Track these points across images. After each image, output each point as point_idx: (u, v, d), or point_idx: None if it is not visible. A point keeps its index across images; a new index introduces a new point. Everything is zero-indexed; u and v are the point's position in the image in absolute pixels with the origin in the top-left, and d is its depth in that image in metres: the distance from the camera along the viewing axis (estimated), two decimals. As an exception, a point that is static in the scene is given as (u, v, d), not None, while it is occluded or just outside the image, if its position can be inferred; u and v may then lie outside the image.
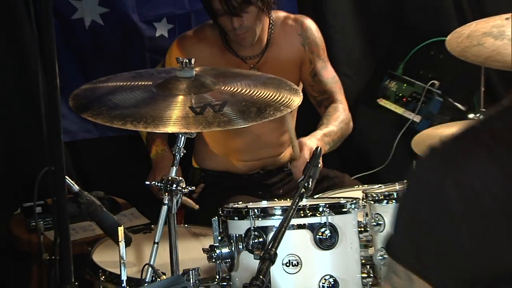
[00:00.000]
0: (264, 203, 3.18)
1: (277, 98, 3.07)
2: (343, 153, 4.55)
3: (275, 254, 2.70)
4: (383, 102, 4.88)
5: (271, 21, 4.13)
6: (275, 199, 3.41)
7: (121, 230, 3.01)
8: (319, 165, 3.01)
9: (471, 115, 3.78)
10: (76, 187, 3.12)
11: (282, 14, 4.27)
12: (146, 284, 2.86)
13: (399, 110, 4.83)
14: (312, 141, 3.85)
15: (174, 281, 2.69)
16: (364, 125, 4.99)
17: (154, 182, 3.02)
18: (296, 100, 3.09)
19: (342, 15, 5.12)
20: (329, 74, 4.27)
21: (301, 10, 4.98)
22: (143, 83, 3.10)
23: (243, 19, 3.86)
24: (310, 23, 4.26)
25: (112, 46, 4.84)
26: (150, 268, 2.95)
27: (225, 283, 3.05)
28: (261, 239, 2.92)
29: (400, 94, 4.83)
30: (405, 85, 4.82)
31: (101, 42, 4.81)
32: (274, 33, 4.14)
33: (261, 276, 2.62)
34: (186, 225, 3.81)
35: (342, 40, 5.09)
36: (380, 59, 5.18)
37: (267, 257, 2.68)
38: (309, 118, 4.16)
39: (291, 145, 3.79)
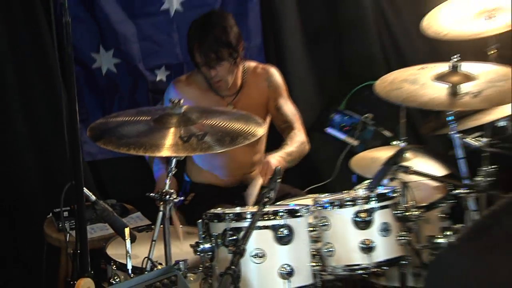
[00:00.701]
0: (238, 209, 3.14)
1: (246, 129, 3.06)
2: (301, 169, 4.49)
3: (244, 249, 2.71)
4: (330, 131, 4.88)
5: (244, 69, 4.13)
6: (247, 206, 3.35)
7: (127, 230, 3.01)
8: (279, 180, 2.97)
9: (394, 142, 3.73)
10: (93, 197, 3.10)
11: (253, 63, 4.26)
12: (145, 272, 2.82)
13: (343, 136, 4.81)
14: (275, 158, 3.81)
15: (166, 270, 2.64)
16: (316, 147, 4.94)
17: (152, 194, 3.02)
18: (260, 131, 3.07)
19: (299, 64, 5.11)
20: (289, 109, 4.24)
21: (267, 60, 4.97)
22: (143, 118, 3.08)
23: (218, 71, 3.86)
24: (274, 71, 4.25)
25: (124, 88, 4.78)
26: (148, 260, 2.94)
27: (207, 271, 3.02)
28: (234, 237, 2.91)
29: (343, 124, 4.82)
30: (346, 117, 4.80)
31: (115, 85, 4.76)
32: (247, 78, 4.13)
33: (233, 266, 2.61)
34: (181, 226, 3.77)
35: (299, 83, 5.06)
36: (328, 97, 5.15)
37: (238, 252, 2.69)
38: (276, 140, 4.12)
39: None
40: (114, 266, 3.25)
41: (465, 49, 3.85)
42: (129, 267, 3.00)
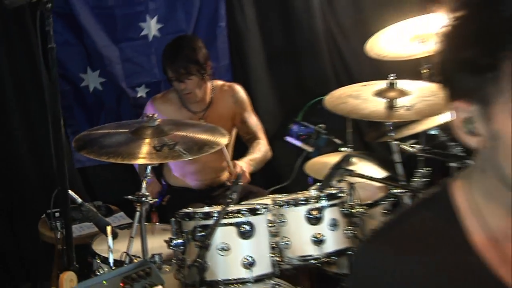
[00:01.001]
0: (206, 209, 3.15)
1: (211, 139, 3.09)
2: (264, 172, 4.54)
3: (209, 244, 2.73)
4: (289, 139, 4.89)
5: (212, 87, 4.16)
6: (214, 206, 3.35)
7: (109, 228, 3.02)
8: (241, 183, 3.02)
9: (343, 148, 3.79)
10: (79, 200, 3.13)
11: (220, 82, 4.30)
12: (124, 265, 2.85)
13: (300, 144, 4.83)
14: (242, 163, 3.87)
15: (142, 263, 2.67)
16: (277, 153, 4.97)
17: (130, 196, 3.05)
18: (224, 141, 3.11)
19: (262, 81, 5.13)
20: (253, 121, 4.29)
21: (234, 78, 4.99)
22: (122, 130, 3.10)
23: (187, 84, 3.91)
24: (239, 88, 4.29)
25: (109, 104, 4.80)
26: (126, 254, 2.97)
27: (180, 263, 3.02)
28: (203, 233, 2.92)
29: (300, 133, 4.82)
30: (303, 127, 4.82)
31: (101, 102, 4.78)
32: (215, 95, 4.16)
33: (199, 259, 2.64)
34: (158, 224, 3.81)
35: (262, 98, 5.09)
36: (287, 110, 5.17)
37: (204, 246, 2.71)
38: (242, 149, 4.16)
39: (228, 167, 3.79)
40: (99, 259, 3.26)
41: (402, 68, 3.93)
42: (111, 260, 3.02)
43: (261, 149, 4.14)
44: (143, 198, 2.99)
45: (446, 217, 1.25)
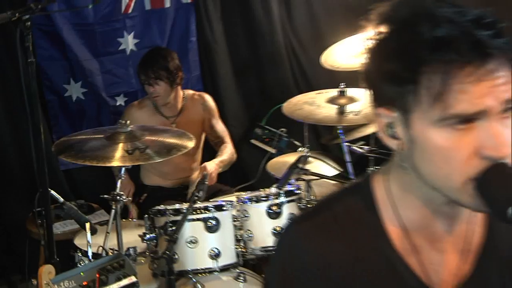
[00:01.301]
0: (176, 206, 3.14)
1: (179, 143, 3.08)
2: (232, 172, 4.54)
3: (177, 238, 2.72)
4: (254, 141, 4.88)
5: (184, 96, 4.16)
6: (184, 203, 3.34)
7: (87, 224, 3.00)
8: (206, 183, 3.00)
9: (300, 149, 3.78)
10: (61, 199, 3.11)
11: (191, 91, 4.31)
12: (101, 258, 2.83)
13: (263, 146, 4.83)
14: (211, 164, 3.91)
15: (116, 256, 2.65)
16: (244, 155, 4.98)
17: (105, 196, 3.03)
18: (191, 144, 3.12)
19: (229, 90, 5.12)
20: (220, 127, 4.29)
21: (205, 87, 5.00)
22: (98, 136, 3.08)
23: (155, 88, 3.91)
24: (208, 97, 4.30)
25: (90, 112, 4.75)
26: (103, 248, 2.95)
27: (153, 255, 3.01)
28: (173, 228, 2.89)
29: (264, 137, 4.82)
30: (266, 131, 4.81)
31: (83, 110, 4.72)
32: (186, 103, 4.16)
33: (167, 251, 2.63)
34: (134, 220, 3.79)
35: (230, 105, 5.09)
36: (252, 115, 5.17)
37: (172, 240, 2.70)
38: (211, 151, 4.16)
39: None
40: (80, 253, 3.26)
41: (353, 77, 3.92)
42: (90, 254, 3.03)
43: (227, 152, 4.18)
44: (117, 197, 2.98)
45: (366, 206, 1.28)
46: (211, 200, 3.43)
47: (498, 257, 1.29)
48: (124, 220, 3.69)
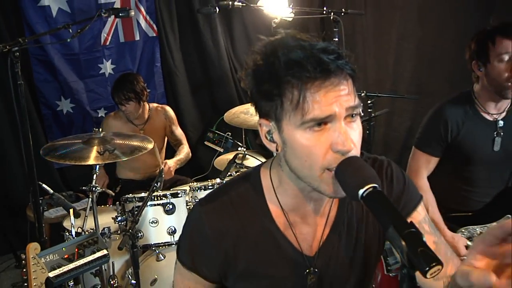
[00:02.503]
0: (141, 194, 3.10)
1: (141, 145, 3.05)
2: (190, 166, 4.54)
3: (138, 219, 2.72)
4: (207, 143, 4.91)
5: (150, 108, 4.12)
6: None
7: (71, 210, 2.95)
8: (163, 176, 2.98)
9: (240, 148, 3.80)
10: (51, 191, 3.06)
11: (156, 104, 4.28)
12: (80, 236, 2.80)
13: (214, 146, 4.84)
14: (170, 161, 3.90)
15: (91, 234, 2.60)
16: (200, 153, 4.99)
17: (84, 187, 3.00)
18: (150, 146, 3.07)
19: (187, 103, 5.10)
20: (178, 132, 4.26)
21: (168, 101, 5.00)
22: (77, 141, 3.04)
23: (127, 107, 3.86)
24: (169, 108, 4.26)
25: (78, 122, 4.69)
26: (81, 229, 2.92)
27: (122, 233, 2.95)
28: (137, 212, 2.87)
29: (214, 139, 4.85)
30: (216, 135, 4.84)
31: (72, 121, 4.66)
32: (151, 113, 4.13)
33: (130, 229, 2.61)
34: (111, 206, 3.74)
35: (188, 115, 5.09)
36: (206, 123, 5.19)
37: (134, 221, 2.69)
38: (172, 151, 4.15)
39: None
40: (67, 233, 3.20)
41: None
42: (73, 233, 2.99)
43: (184, 152, 4.14)
44: (93, 188, 2.94)
45: (255, 191, 1.33)
46: (171, 189, 3.42)
47: (345, 222, 1.36)
48: (102, 206, 3.66)
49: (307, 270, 1.34)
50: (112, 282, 3.16)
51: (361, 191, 1.05)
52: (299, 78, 1.11)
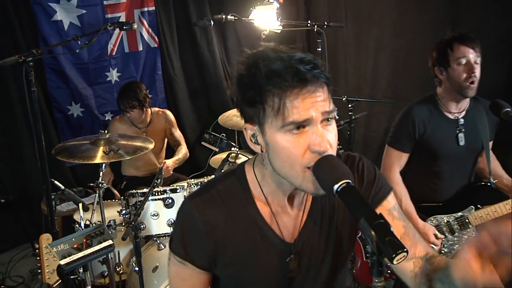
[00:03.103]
0: (144, 190, 3.07)
1: (142, 145, 3.04)
2: (189, 164, 4.52)
3: (140, 212, 2.71)
4: (204, 143, 4.90)
5: (151, 112, 4.09)
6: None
7: (80, 204, 2.95)
8: (163, 173, 2.99)
9: (233, 148, 3.79)
10: (62, 187, 3.05)
11: (157, 109, 4.24)
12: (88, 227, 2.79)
13: (210, 146, 4.84)
14: (169, 161, 3.86)
15: (98, 226, 2.59)
16: (197, 152, 4.99)
17: (91, 184, 2.98)
18: (151, 146, 3.06)
19: (186, 107, 5.09)
20: (178, 134, 4.23)
21: (168, 105, 4.97)
22: (85, 141, 3.02)
23: (131, 114, 3.83)
24: (169, 112, 4.23)
25: (87, 125, 4.67)
26: (89, 221, 2.91)
27: (126, 225, 2.92)
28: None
29: (210, 140, 4.85)
30: (212, 136, 4.84)
31: (81, 124, 4.64)
32: (153, 117, 4.09)
33: (133, 222, 2.60)
34: (117, 200, 3.72)
35: (186, 118, 5.06)
36: (203, 125, 5.18)
37: (136, 214, 2.67)
38: (172, 151, 4.14)
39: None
40: (77, 225, 3.18)
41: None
42: (82, 225, 2.99)
43: (182, 152, 4.11)
44: (100, 184, 2.93)
45: (241, 185, 1.33)
46: (170, 185, 3.40)
47: (320, 211, 1.37)
48: (109, 200, 3.64)
49: (289, 257, 1.34)
50: (118, 269, 3.16)
51: (335, 187, 1.06)
52: (279, 87, 1.12)
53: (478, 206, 2.63)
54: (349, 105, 3.89)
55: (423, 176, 2.71)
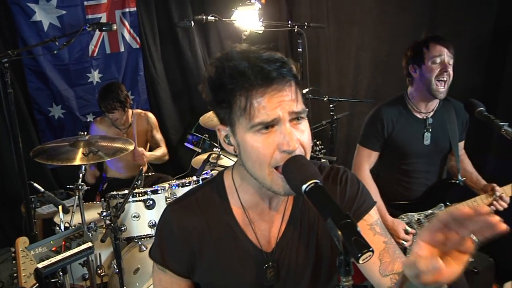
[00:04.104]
0: (125, 191, 3.06)
1: (122, 147, 3.03)
2: (172, 165, 4.51)
3: (119, 215, 2.70)
4: (187, 144, 4.83)
5: (133, 113, 4.08)
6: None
7: (60, 207, 2.92)
8: (143, 174, 2.97)
9: (215, 149, 3.78)
10: (42, 189, 3.01)
11: (139, 110, 4.23)
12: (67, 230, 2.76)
13: (193, 147, 4.80)
14: (144, 152, 3.88)
15: (77, 228, 2.57)
16: (180, 153, 4.98)
17: (70, 186, 2.96)
18: (131, 147, 3.05)
19: (169, 108, 5.09)
20: (158, 136, 4.23)
21: (151, 107, 4.97)
22: (65, 143, 3.00)
23: (113, 115, 3.81)
24: (151, 114, 4.22)
25: (68, 126, 4.63)
26: (69, 224, 2.87)
27: (107, 226, 2.91)
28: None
29: (193, 140, 4.76)
30: (195, 136, 4.79)
31: (63, 125, 4.61)
32: (134, 119, 4.07)
33: (112, 224, 2.58)
34: (98, 202, 3.70)
35: (169, 119, 5.08)
36: (185, 126, 5.17)
37: (115, 215, 2.65)
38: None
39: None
40: (57, 227, 3.15)
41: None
42: (62, 227, 2.97)
43: (160, 151, 4.13)
44: (79, 186, 2.91)
45: (218, 192, 1.32)
46: (152, 186, 3.40)
47: (300, 219, 1.35)
48: (90, 202, 3.62)
49: (266, 265, 1.32)
50: (99, 271, 3.14)
51: (304, 186, 1.06)
52: (244, 87, 1.11)
53: (447, 203, 2.68)
54: (331, 105, 3.91)
55: (394, 174, 2.77)
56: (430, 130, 2.63)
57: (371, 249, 0.90)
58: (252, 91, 1.11)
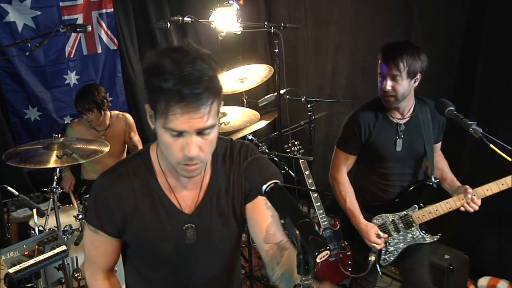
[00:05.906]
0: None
1: (97, 149, 3.02)
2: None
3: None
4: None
5: (111, 115, 4.05)
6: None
7: (35, 210, 2.91)
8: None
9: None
10: (16, 193, 2.99)
11: (117, 112, 4.21)
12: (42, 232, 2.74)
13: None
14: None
15: (51, 232, 2.57)
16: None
17: (45, 189, 2.94)
18: (106, 149, 3.04)
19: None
20: (137, 139, 4.21)
21: (129, 108, 4.93)
22: (38, 146, 2.98)
23: (88, 116, 3.79)
24: (129, 116, 4.20)
25: (45, 129, 4.56)
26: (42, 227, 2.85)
27: (81, 230, 2.93)
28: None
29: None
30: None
31: (39, 128, 4.53)
32: (112, 121, 4.06)
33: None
34: (72, 205, 3.67)
35: (147, 121, 4.98)
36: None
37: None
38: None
39: None
40: (33, 231, 3.11)
41: (231, 98, 3.96)
42: (37, 231, 2.94)
43: None
44: (54, 189, 2.89)
45: (145, 164, 1.53)
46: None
47: (216, 190, 1.58)
48: (67, 205, 3.59)
49: (186, 225, 1.53)
50: (76, 275, 3.12)
51: (264, 187, 1.10)
52: (163, 98, 1.30)
53: (421, 205, 2.70)
54: (308, 106, 3.94)
55: (372, 177, 2.76)
56: (402, 136, 2.60)
57: (328, 247, 0.92)
58: (170, 103, 1.28)
